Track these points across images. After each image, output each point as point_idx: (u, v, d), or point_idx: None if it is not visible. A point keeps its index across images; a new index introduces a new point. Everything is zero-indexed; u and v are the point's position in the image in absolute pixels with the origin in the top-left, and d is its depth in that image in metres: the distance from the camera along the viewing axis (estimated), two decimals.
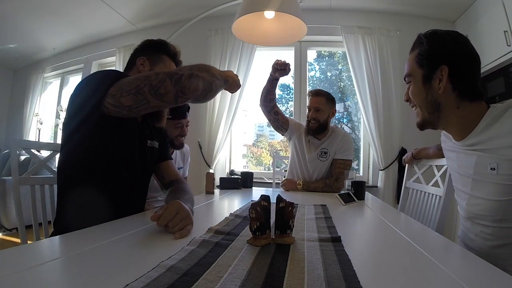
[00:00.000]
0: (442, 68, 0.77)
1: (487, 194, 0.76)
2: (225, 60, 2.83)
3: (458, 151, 0.86)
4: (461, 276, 0.46)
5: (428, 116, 0.84)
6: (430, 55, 0.80)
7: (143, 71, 0.99)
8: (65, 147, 0.87)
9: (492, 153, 0.73)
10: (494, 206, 0.74)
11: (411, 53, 0.86)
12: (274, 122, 1.85)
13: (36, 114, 4.02)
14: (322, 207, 1.08)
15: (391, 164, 2.60)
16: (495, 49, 2.10)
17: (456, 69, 0.77)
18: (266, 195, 0.62)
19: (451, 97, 0.78)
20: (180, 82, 0.77)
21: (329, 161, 1.78)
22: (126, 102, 0.78)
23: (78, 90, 0.87)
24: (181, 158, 1.83)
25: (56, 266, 0.47)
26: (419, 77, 0.82)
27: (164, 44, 1.06)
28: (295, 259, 0.52)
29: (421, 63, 0.82)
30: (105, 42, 3.47)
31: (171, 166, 1.15)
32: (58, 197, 0.89)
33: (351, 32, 2.71)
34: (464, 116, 0.79)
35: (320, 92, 1.78)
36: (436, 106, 0.81)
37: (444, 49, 0.79)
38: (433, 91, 0.80)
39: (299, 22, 1.29)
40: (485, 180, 0.76)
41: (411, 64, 0.85)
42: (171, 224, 0.66)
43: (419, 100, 0.84)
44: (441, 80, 0.78)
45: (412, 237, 0.71)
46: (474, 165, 0.78)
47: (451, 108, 0.79)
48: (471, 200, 0.82)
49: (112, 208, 0.84)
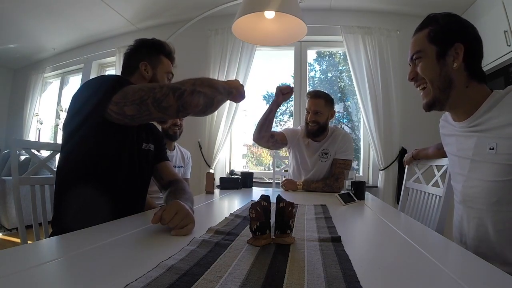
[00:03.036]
0: (457, 46, 0.79)
1: (485, 175, 0.77)
2: (225, 60, 2.83)
3: (458, 134, 0.87)
4: (461, 276, 0.46)
5: (439, 93, 0.83)
6: (446, 32, 0.81)
7: (146, 75, 1.01)
8: (65, 147, 0.88)
9: (491, 133, 0.75)
10: (490, 187, 0.75)
11: (419, 32, 0.87)
12: (274, 145, 1.81)
13: (36, 114, 4.02)
14: (322, 207, 1.08)
15: (391, 164, 2.60)
16: (495, 49, 2.10)
17: (470, 49, 0.79)
18: (266, 195, 0.62)
19: (462, 75, 0.80)
20: (182, 98, 0.78)
21: (330, 161, 1.77)
22: (129, 112, 0.79)
23: (82, 93, 0.87)
24: (181, 157, 1.83)
25: (56, 266, 0.47)
26: (433, 53, 0.82)
27: (160, 44, 1.07)
28: (295, 259, 0.51)
29: (434, 40, 0.82)
30: (105, 42, 3.47)
31: (169, 166, 1.16)
32: (55, 197, 0.89)
33: (351, 32, 2.71)
34: (471, 97, 0.80)
35: (318, 94, 1.75)
36: (448, 83, 0.81)
37: (461, 28, 0.81)
38: (447, 67, 0.81)
39: (299, 22, 1.29)
40: (484, 160, 0.77)
41: (420, 42, 0.85)
42: (171, 224, 0.66)
43: (432, 75, 0.83)
44: (455, 57, 0.79)
45: (412, 237, 0.71)
46: (474, 147, 0.80)
47: (461, 86, 0.81)
48: (468, 182, 0.83)
49: (110, 209, 0.84)
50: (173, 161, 1.76)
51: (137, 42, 1.07)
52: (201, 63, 2.91)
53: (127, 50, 1.07)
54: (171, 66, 1.10)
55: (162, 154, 1.16)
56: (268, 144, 1.78)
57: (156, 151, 1.11)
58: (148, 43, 1.07)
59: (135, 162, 0.97)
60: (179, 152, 1.83)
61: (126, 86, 0.82)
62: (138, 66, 1.02)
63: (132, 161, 0.96)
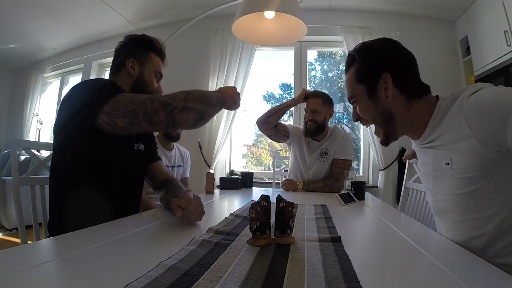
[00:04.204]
0: (384, 76, 0.77)
1: (447, 189, 0.76)
2: (225, 60, 2.83)
3: (419, 150, 0.87)
4: (461, 276, 0.46)
5: (386, 128, 0.83)
6: (368, 68, 0.80)
7: (133, 73, 1.00)
8: (57, 150, 0.88)
9: (445, 149, 0.74)
10: (454, 200, 0.75)
11: (347, 73, 0.86)
12: (275, 135, 1.82)
13: (36, 114, 4.02)
14: (322, 207, 1.08)
15: (391, 164, 2.60)
16: (495, 49, 2.10)
17: (397, 72, 0.77)
18: (266, 195, 0.62)
19: (400, 102, 0.78)
20: (172, 114, 0.79)
21: (330, 161, 1.77)
22: (120, 123, 0.79)
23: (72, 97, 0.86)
24: (180, 157, 1.83)
25: (56, 266, 0.47)
26: (364, 93, 0.81)
27: (149, 41, 1.05)
28: (295, 259, 0.51)
29: (361, 80, 0.81)
30: (105, 42, 3.47)
31: (162, 166, 1.16)
32: (50, 200, 0.88)
33: (351, 32, 2.71)
34: (416, 116, 0.78)
35: (316, 93, 1.77)
36: (389, 115, 0.80)
37: (380, 57, 0.79)
38: (382, 101, 0.79)
39: (299, 22, 1.29)
40: (443, 175, 0.76)
41: (351, 84, 0.84)
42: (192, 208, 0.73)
43: (371, 115, 0.83)
44: (386, 88, 0.77)
45: (412, 237, 0.71)
46: (432, 162, 0.79)
47: (402, 113, 0.79)
48: (435, 197, 0.82)
49: (105, 211, 0.84)
50: (172, 160, 1.76)
51: (125, 38, 1.05)
52: (201, 63, 2.92)
53: (116, 46, 1.05)
54: (161, 65, 1.07)
55: (153, 154, 1.15)
56: (271, 132, 1.80)
57: (147, 151, 1.10)
58: (136, 39, 1.04)
59: (127, 163, 0.96)
60: (178, 152, 1.83)
61: (117, 94, 0.81)
62: (125, 63, 1.00)
63: (125, 162, 0.95)
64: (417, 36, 2.74)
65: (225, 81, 2.80)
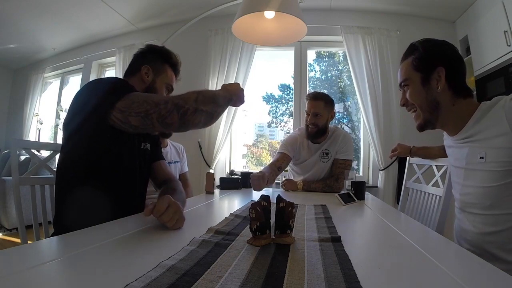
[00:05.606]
0: (439, 69, 0.85)
1: (477, 182, 0.83)
2: (225, 60, 2.83)
3: (454, 146, 0.94)
4: (461, 276, 0.46)
5: (429, 115, 0.91)
6: (427, 58, 0.88)
7: (146, 80, 1.03)
8: (66, 146, 0.88)
9: (481, 144, 0.81)
10: (483, 193, 0.81)
11: (404, 61, 0.95)
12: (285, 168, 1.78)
13: (36, 114, 4.02)
14: (322, 207, 1.08)
15: (391, 164, 2.60)
16: (495, 49, 2.10)
17: (450, 70, 0.86)
18: (266, 195, 0.62)
19: (447, 95, 0.87)
20: (185, 116, 0.80)
21: (330, 162, 1.77)
22: (133, 122, 0.80)
23: (84, 94, 0.88)
24: (175, 153, 1.84)
25: (56, 266, 0.47)
26: (418, 80, 0.90)
27: (168, 54, 1.09)
28: (295, 259, 0.51)
29: (417, 67, 0.89)
30: (105, 42, 3.47)
31: (163, 166, 1.17)
32: (56, 197, 0.89)
33: (351, 32, 2.71)
34: (458, 113, 0.87)
35: (318, 95, 1.73)
36: (435, 105, 0.88)
37: (440, 52, 0.89)
38: (432, 90, 0.88)
39: (299, 22, 1.29)
40: (475, 168, 0.83)
41: (406, 70, 0.93)
42: (165, 217, 0.68)
43: (420, 100, 0.91)
44: (438, 80, 0.86)
45: (412, 237, 0.71)
46: (466, 156, 0.86)
47: (448, 106, 0.87)
48: (464, 190, 0.89)
49: (110, 209, 0.84)
50: (168, 157, 1.76)
51: (146, 46, 1.10)
52: (201, 63, 2.92)
53: (136, 51, 1.09)
54: (174, 79, 1.12)
55: (157, 153, 1.17)
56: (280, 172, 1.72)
57: (152, 150, 1.12)
58: (156, 49, 1.09)
59: (135, 162, 0.98)
60: (173, 148, 1.84)
61: (129, 92, 0.82)
62: (140, 68, 1.03)
63: (133, 161, 0.96)
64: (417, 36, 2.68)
65: (225, 81, 2.80)
